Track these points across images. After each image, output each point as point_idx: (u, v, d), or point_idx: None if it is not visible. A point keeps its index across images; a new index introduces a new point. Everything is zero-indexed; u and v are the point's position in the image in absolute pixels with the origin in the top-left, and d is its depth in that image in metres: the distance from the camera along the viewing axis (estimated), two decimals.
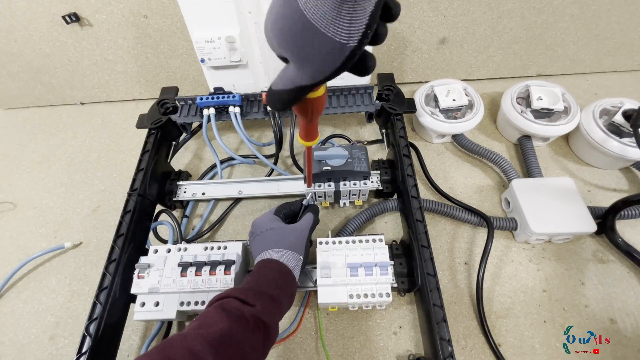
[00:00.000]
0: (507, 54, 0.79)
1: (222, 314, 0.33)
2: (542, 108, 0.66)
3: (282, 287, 0.39)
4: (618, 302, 0.52)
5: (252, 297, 0.35)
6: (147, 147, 0.61)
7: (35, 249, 0.62)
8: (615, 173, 0.66)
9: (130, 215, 0.53)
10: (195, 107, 0.68)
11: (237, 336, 0.32)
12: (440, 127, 0.67)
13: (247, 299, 0.35)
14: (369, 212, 0.59)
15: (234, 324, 0.32)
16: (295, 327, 0.52)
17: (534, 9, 0.71)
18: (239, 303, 0.34)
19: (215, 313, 0.33)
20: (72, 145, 0.81)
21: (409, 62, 0.80)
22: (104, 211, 0.68)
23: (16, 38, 0.75)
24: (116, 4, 0.69)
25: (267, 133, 0.77)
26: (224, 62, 0.64)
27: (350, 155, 0.55)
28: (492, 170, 0.68)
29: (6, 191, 0.73)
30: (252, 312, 0.34)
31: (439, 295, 0.44)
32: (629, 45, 0.78)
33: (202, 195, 0.64)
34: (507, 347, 0.49)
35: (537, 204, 0.56)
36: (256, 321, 0.34)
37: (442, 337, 0.41)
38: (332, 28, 0.21)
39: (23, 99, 0.89)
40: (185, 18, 0.60)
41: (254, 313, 0.34)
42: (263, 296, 0.36)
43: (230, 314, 0.33)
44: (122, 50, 0.77)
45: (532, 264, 0.56)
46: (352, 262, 0.47)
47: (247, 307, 0.34)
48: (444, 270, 0.56)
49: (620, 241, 0.55)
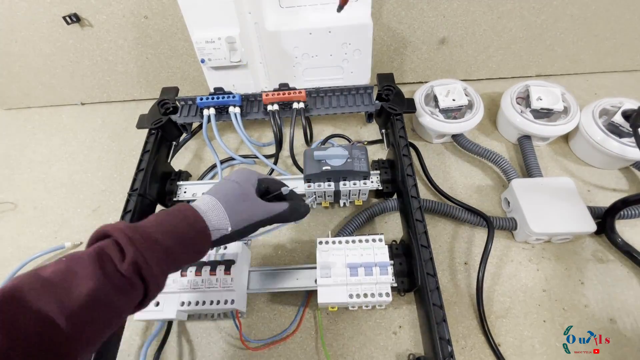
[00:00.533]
0: (507, 54, 0.79)
1: (96, 267, 0.27)
2: (542, 108, 0.66)
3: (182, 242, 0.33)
4: (618, 302, 0.52)
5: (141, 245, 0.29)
6: (148, 147, 0.61)
7: (36, 249, 0.62)
8: (615, 173, 0.66)
9: (131, 216, 0.53)
10: (196, 107, 0.68)
11: (105, 299, 0.27)
12: (440, 127, 0.67)
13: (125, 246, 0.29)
14: (369, 212, 0.59)
15: (105, 284, 0.27)
16: (295, 327, 0.52)
17: (534, 9, 0.71)
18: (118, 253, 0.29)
19: (89, 263, 0.27)
20: (73, 146, 0.81)
21: (408, 62, 0.81)
22: (105, 211, 0.68)
23: (17, 38, 0.75)
24: (117, 5, 0.69)
25: (267, 133, 0.78)
26: (224, 63, 0.64)
27: (350, 155, 0.55)
28: (492, 170, 0.68)
29: (6, 191, 0.74)
30: (133, 268, 0.28)
31: (438, 295, 0.44)
32: (629, 45, 0.78)
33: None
34: (507, 347, 0.49)
35: (536, 204, 0.56)
36: (133, 280, 0.28)
37: (442, 337, 0.41)
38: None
39: (23, 99, 0.89)
40: (186, 19, 0.60)
41: (135, 269, 0.28)
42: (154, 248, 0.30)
43: (105, 270, 0.27)
44: (123, 51, 0.77)
45: (532, 263, 0.56)
46: (352, 262, 0.47)
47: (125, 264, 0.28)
48: (443, 270, 0.56)
49: (619, 241, 0.55)
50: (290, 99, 0.63)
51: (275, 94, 0.63)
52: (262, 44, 0.63)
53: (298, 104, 0.64)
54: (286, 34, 0.62)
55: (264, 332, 0.53)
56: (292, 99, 0.63)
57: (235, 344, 0.52)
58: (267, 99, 0.64)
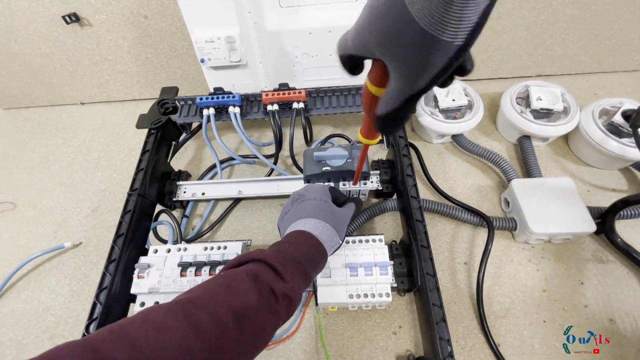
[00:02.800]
0: (507, 54, 0.79)
1: (253, 285, 0.31)
2: (542, 108, 0.66)
3: (316, 267, 0.37)
4: (617, 302, 0.52)
5: (288, 271, 0.33)
6: (147, 147, 0.61)
7: (35, 249, 0.62)
8: (615, 173, 0.66)
9: (130, 215, 0.53)
10: (195, 107, 0.68)
11: (262, 314, 0.30)
12: (440, 127, 0.67)
13: (283, 273, 0.33)
14: (368, 212, 0.59)
15: (262, 300, 0.30)
16: (295, 327, 0.52)
17: (534, 9, 0.71)
18: (273, 275, 0.32)
19: (247, 281, 0.31)
20: (72, 145, 0.81)
21: None
22: (104, 211, 0.68)
23: (16, 38, 0.75)
24: (116, 4, 0.69)
25: (267, 133, 0.77)
26: (224, 63, 0.64)
27: (350, 155, 0.55)
28: (491, 170, 0.68)
29: (6, 191, 0.73)
30: (284, 289, 0.32)
31: (438, 295, 0.44)
32: (629, 45, 0.78)
33: (202, 195, 0.64)
34: (507, 347, 0.49)
35: (536, 204, 0.56)
36: (284, 299, 0.32)
37: (442, 337, 0.41)
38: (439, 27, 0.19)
39: (23, 98, 0.89)
40: (185, 18, 0.60)
41: (285, 291, 0.32)
42: (299, 272, 0.34)
43: (261, 288, 0.31)
44: (122, 50, 0.77)
45: (532, 264, 0.56)
46: (351, 262, 0.47)
47: (280, 282, 0.32)
48: (443, 270, 0.56)
49: (619, 241, 0.55)
50: (290, 99, 0.63)
51: (275, 94, 0.63)
52: (262, 43, 0.63)
53: (298, 104, 0.64)
54: (286, 34, 0.62)
55: None
56: (292, 99, 0.63)
57: None
58: (267, 99, 0.64)
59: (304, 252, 0.37)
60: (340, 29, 0.61)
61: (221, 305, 0.29)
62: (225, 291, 0.30)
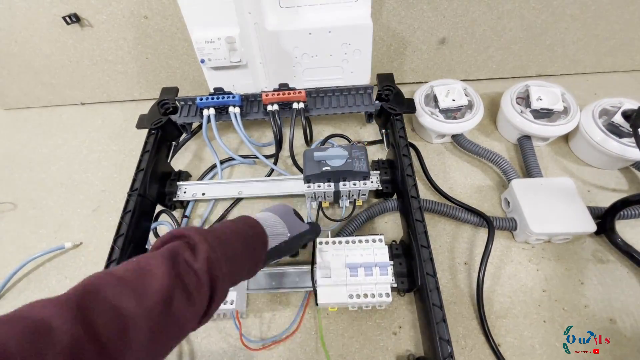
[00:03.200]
0: (507, 54, 0.79)
1: (169, 266, 0.27)
2: (542, 108, 0.66)
3: (247, 243, 0.35)
4: (618, 302, 0.52)
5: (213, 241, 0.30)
6: (147, 148, 0.61)
7: (36, 249, 0.62)
8: (615, 173, 0.66)
9: (130, 216, 0.53)
10: (195, 107, 0.68)
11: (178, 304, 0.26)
12: (440, 127, 0.67)
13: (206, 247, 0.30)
14: (368, 212, 0.59)
15: (178, 285, 0.27)
16: (295, 327, 0.52)
17: (534, 9, 0.71)
18: (191, 253, 0.29)
19: (161, 261, 0.27)
20: (73, 146, 0.81)
21: (408, 63, 0.81)
22: (104, 211, 0.68)
23: (17, 39, 0.75)
24: (116, 5, 0.69)
25: (267, 133, 0.78)
26: (224, 63, 0.64)
27: (350, 156, 0.55)
28: (491, 170, 0.68)
29: (6, 191, 0.74)
30: (207, 266, 0.29)
31: (438, 295, 0.44)
32: (628, 45, 0.78)
33: (202, 196, 0.64)
34: (507, 347, 0.49)
35: (536, 204, 0.56)
36: (202, 280, 0.28)
37: (442, 337, 0.41)
38: None
39: (23, 99, 0.89)
40: (185, 18, 0.60)
41: (208, 267, 0.29)
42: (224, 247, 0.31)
43: (177, 267, 0.28)
44: (122, 51, 0.77)
45: (532, 264, 0.56)
46: (351, 262, 0.47)
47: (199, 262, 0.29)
48: (443, 270, 0.56)
49: (619, 241, 0.55)
50: (290, 99, 0.63)
51: (275, 94, 0.63)
52: (262, 44, 0.63)
53: (298, 104, 0.64)
54: (286, 34, 0.62)
55: (264, 332, 0.53)
56: (292, 99, 0.63)
57: (235, 344, 0.52)
58: (267, 99, 0.64)
59: (236, 226, 0.36)
60: (340, 29, 0.61)
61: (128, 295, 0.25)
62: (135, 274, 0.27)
